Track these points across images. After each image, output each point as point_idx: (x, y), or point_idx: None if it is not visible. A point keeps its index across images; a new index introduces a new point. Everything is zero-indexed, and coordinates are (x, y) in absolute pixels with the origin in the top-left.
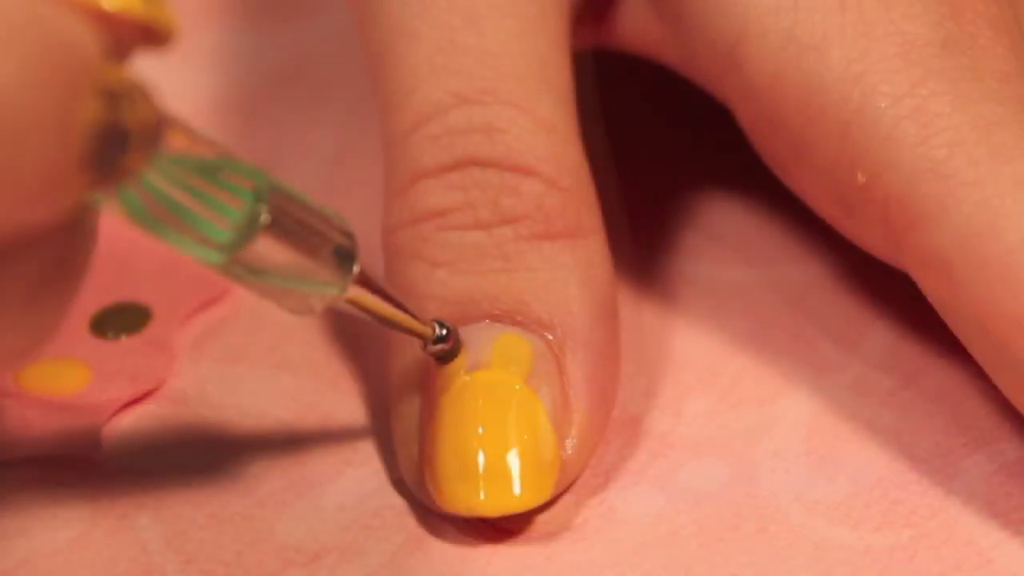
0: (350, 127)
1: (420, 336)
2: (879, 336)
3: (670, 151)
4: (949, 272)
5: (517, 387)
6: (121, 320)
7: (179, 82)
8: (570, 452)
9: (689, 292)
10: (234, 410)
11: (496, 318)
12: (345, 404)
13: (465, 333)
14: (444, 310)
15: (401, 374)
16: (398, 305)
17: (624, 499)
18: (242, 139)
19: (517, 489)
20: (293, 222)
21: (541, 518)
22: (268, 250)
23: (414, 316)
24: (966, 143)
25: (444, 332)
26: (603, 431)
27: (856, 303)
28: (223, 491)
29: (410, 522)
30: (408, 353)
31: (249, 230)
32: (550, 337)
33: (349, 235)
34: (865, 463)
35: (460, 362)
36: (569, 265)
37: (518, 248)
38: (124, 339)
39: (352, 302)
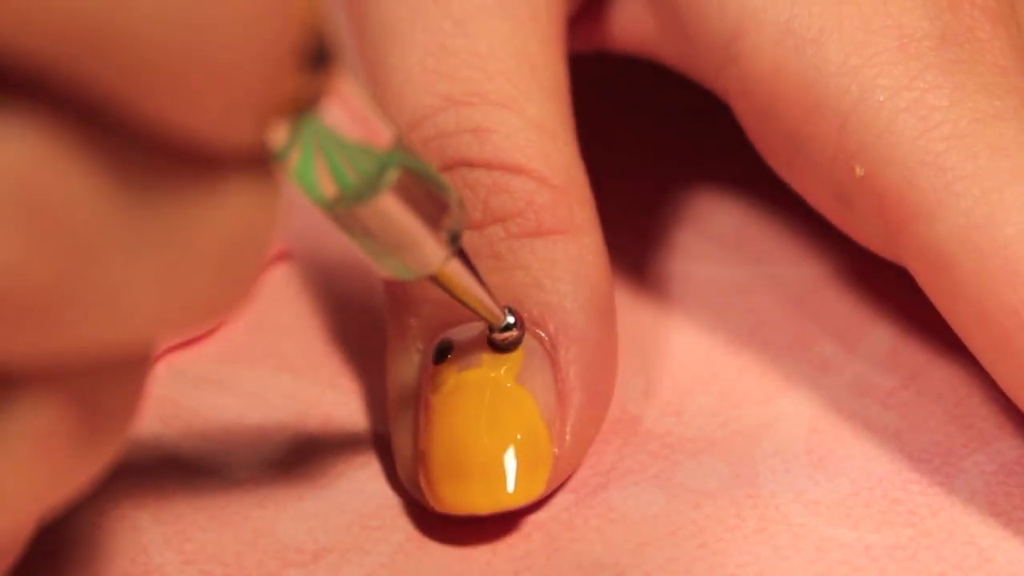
0: None
1: (491, 321)
2: (879, 336)
3: (670, 150)
4: (948, 266)
5: (509, 385)
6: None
7: None
8: (564, 448)
9: (689, 291)
10: (234, 410)
11: None
12: (345, 404)
13: (457, 333)
14: (437, 311)
15: (398, 376)
16: (483, 287)
17: (624, 498)
18: None
19: (511, 487)
20: (416, 187)
21: (541, 518)
22: (384, 208)
23: (493, 301)
24: (965, 136)
25: (512, 320)
26: (598, 427)
27: (856, 303)
28: (223, 491)
29: (410, 522)
30: (406, 354)
31: (375, 184)
32: (543, 334)
33: (460, 209)
34: (865, 463)
35: (452, 362)
36: (561, 261)
37: (510, 246)
38: None
39: (440, 277)
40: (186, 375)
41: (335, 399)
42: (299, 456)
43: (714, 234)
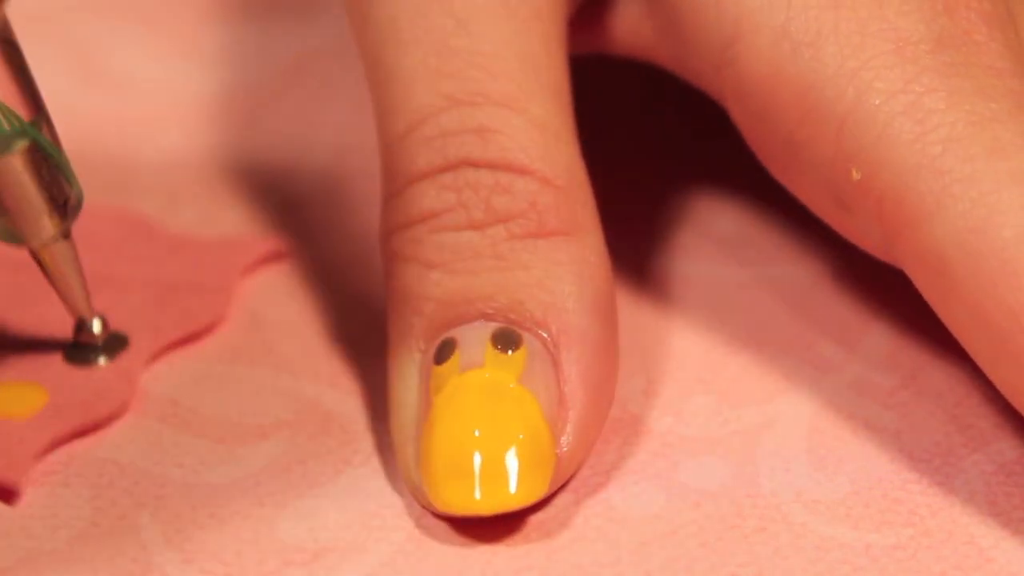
0: (352, 126)
1: (77, 317)
2: (879, 336)
3: (670, 150)
4: (946, 268)
5: (511, 386)
6: (98, 346)
7: (182, 79)
8: (566, 449)
9: (689, 291)
10: (234, 410)
11: (490, 317)
12: (345, 404)
13: (459, 333)
14: (439, 311)
15: (399, 376)
16: (81, 287)
17: (624, 498)
18: (244, 137)
19: (513, 487)
20: (45, 168)
21: (541, 517)
22: (10, 167)
23: (86, 304)
24: (961, 139)
25: (97, 329)
26: (600, 428)
27: (856, 303)
28: (223, 491)
29: (410, 522)
30: (408, 354)
31: (8, 141)
32: (545, 335)
33: (77, 207)
34: (865, 463)
35: (454, 362)
36: (564, 262)
37: (512, 247)
38: (101, 364)
39: (42, 256)
40: (186, 375)
41: (335, 399)
42: (299, 456)
43: (714, 234)
